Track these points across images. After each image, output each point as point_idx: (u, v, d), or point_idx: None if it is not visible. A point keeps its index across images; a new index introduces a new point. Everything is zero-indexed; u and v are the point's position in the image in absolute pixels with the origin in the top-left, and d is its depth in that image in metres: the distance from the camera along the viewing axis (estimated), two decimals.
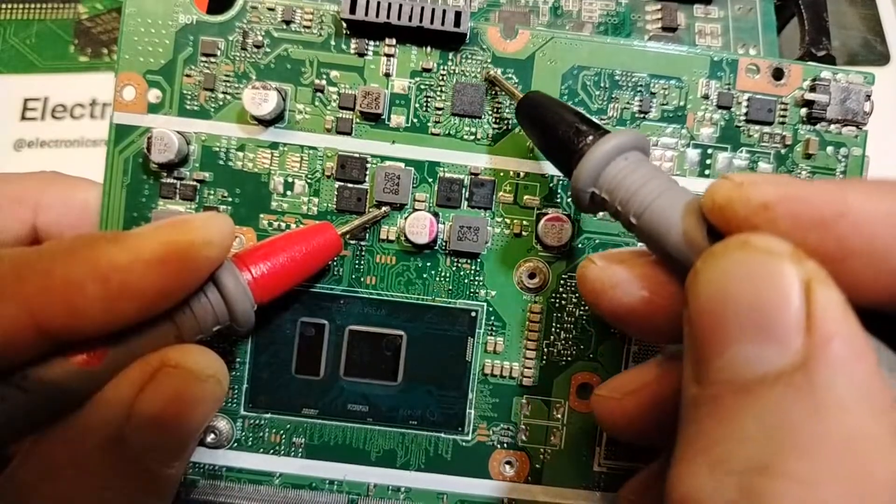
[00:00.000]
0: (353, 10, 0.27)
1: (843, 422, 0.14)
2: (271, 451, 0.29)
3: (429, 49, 0.29)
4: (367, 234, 0.29)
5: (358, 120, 0.29)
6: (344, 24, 0.29)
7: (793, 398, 0.14)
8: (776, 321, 0.15)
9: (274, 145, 0.29)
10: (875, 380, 0.15)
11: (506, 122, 0.29)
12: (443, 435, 0.29)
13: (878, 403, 0.14)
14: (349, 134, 0.29)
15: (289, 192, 0.29)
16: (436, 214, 0.29)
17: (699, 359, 0.16)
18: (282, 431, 0.29)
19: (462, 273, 0.29)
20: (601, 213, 0.29)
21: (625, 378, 0.24)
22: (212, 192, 0.29)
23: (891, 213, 0.16)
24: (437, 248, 0.29)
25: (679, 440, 0.16)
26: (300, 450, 0.29)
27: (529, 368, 0.29)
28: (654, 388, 0.22)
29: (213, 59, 0.29)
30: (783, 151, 0.29)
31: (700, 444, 0.15)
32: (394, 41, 0.29)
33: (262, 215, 0.29)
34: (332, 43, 0.29)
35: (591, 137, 0.22)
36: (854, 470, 0.14)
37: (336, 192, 0.29)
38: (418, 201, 0.29)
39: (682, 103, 0.29)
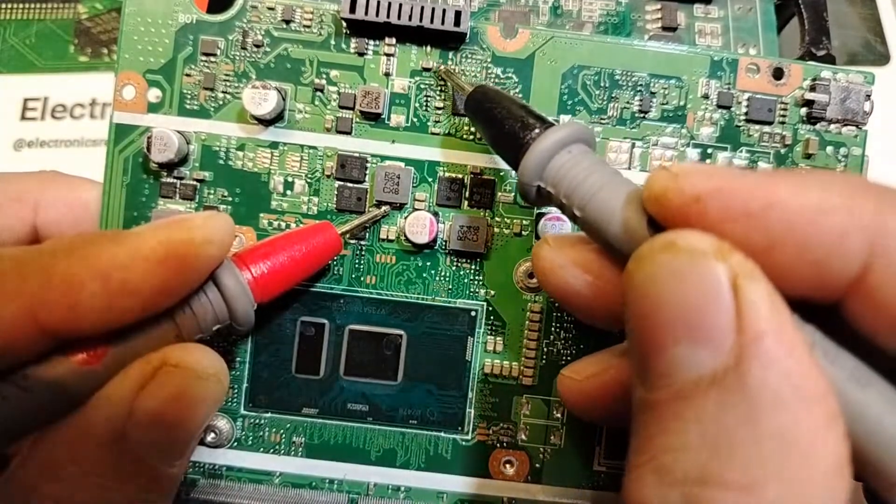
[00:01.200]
0: (352, 9, 0.27)
1: (778, 419, 0.14)
2: (271, 450, 0.29)
3: (429, 48, 0.29)
4: (367, 234, 0.29)
5: (358, 119, 0.29)
6: (344, 24, 0.29)
7: (726, 401, 0.14)
8: (707, 321, 0.15)
9: (274, 145, 0.29)
10: (808, 369, 0.15)
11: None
12: (443, 434, 0.29)
13: (811, 393, 0.14)
14: (349, 133, 0.29)
15: (289, 192, 0.29)
16: (436, 214, 0.29)
17: (640, 361, 0.16)
18: (282, 431, 0.29)
19: (462, 273, 0.29)
20: None
21: (588, 361, 0.24)
22: (212, 191, 0.29)
23: (815, 206, 0.16)
24: (437, 247, 0.29)
25: (631, 445, 0.16)
26: (300, 449, 0.29)
27: (529, 368, 0.29)
28: (614, 373, 0.23)
29: (212, 59, 0.29)
30: (783, 151, 0.29)
31: (647, 453, 0.15)
32: (394, 40, 0.29)
33: (261, 215, 0.29)
34: (332, 42, 0.29)
35: (536, 131, 0.22)
36: (793, 466, 0.14)
37: (336, 192, 0.29)
38: (418, 201, 0.29)
39: (682, 103, 0.29)
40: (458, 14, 0.28)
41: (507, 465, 0.29)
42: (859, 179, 0.17)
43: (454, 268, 0.29)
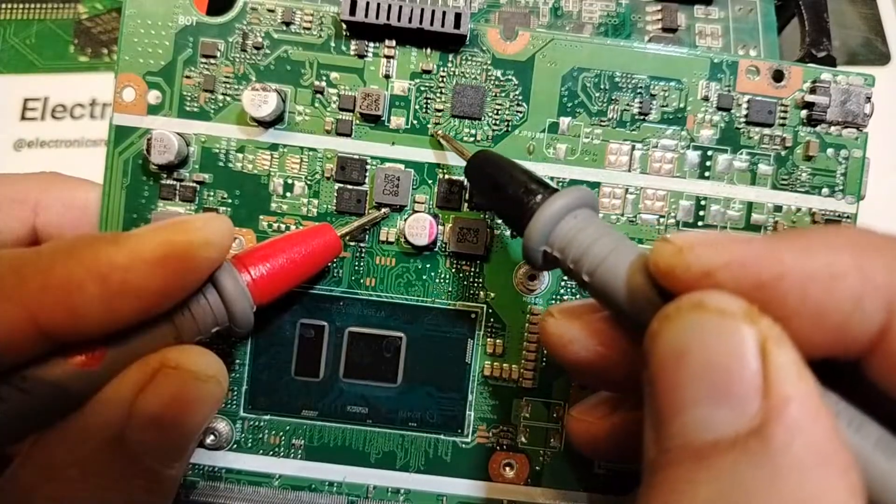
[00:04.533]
0: (352, 11, 0.27)
1: (801, 486, 0.14)
2: (271, 452, 0.29)
3: (429, 51, 0.29)
4: (367, 236, 0.29)
5: (358, 121, 0.29)
6: (344, 26, 0.29)
7: (748, 464, 0.14)
8: (732, 383, 0.15)
9: (274, 147, 0.29)
10: (833, 441, 0.15)
11: (506, 123, 0.29)
12: (442, 437, 0.29)
13: (835, 465, 0.14)
14: (349, 135, 0.29)
15: (288, 194, 0.29)
16: (435, 216, 0.29)
17: (658, 421, 0.16)
18: (281, 433, 0.29)
19: (462, 275, 0.29)
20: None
21: (597, 401, 0.24)
22: (211, 193, 0.29)
23: (826, 272, 0.16)
24: (436, 249, 0.29)
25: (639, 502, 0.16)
26: (300, 451, 0.29)
27: (529, 370, 0.29)
28: (624, 415, 0.23)
29: (212, 61, 0.29)
30: (783, 153, 0.29)
31: None
32: (394, 43, 0.29)
33: (261, 217, 0.29)
34: (332, 44, 0.29)
35: (539, 196, 0.22)
36: None
37: (336, 194, 0.29)
38: (418, 203, 0.29)
39: (682, 105, 0.29)
40: (457, 16, 0.28)
41: (507, 468, 0.29)
42: (865, 236, 0.17)
43: (454, 270, 0.29)
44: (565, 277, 0.29)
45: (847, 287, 0.16)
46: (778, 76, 0.29)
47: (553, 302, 0.29)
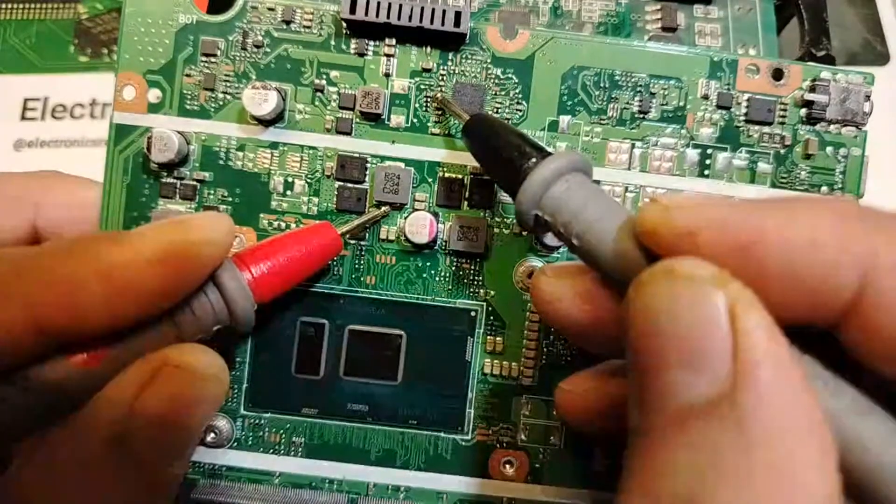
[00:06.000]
0: (352, 10, 0.27)
1: (772, 449, 0.14)
2: (271, 450, 0.29)
3: (429, 49, 0.29)
4: (367, 234, 0.29)
5: (358, 120, 0.29)
6: (344, 24, 0.29)
7: (720, 429, 0.14)
8: (703, 348, 0.15)
9: (274, 145, 0.29)
10: (803, 402, 0.15)
11: (506, 121, 0.29)
12: (442, 434, 0.29)
13: (805, 424, 0.14)
14: (349, 134, 0.29)
15: (289, 192, 0.29)
16: (436, 214, 0.29)
17: (638, 386, 0.16)
18: (282, 431, 0.29)
19: (462, 273, 0.29)
20: None
21: (586, 374, 0.25)
22: (212, 191, 0.29)
23: (806, 239, 0.17)
24: (436, 247, 0.29)
25: (623, 468, 0.16)
26: (300, 449, 0.29)
27: (529, 368, 0.29)
28: (611, 388, 0.23)
29: (213, 59, 0.29)
30: (783, 152, 0.29)
31: (637, 477, 0.15)
32: (394, 41, 0.29)
33: (262, 215, 0.29)
34: (332, 43, 0.29)
35: (533, 160, 0.22)
36: (783, 498, 0.14)
37: (336, 192, 0.29)
38: (418, 201, 0.29)
39: (681, 103, 0.29)
40: (458, 15, 0.28)
41: (507, 466, 0.29)
42: (848, 207, 0.17)
43: (454, 268, 0.29)
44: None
45: (825, 254, 0.16)
46: (777, 75, 0.29)
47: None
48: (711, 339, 0.15)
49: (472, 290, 0.29)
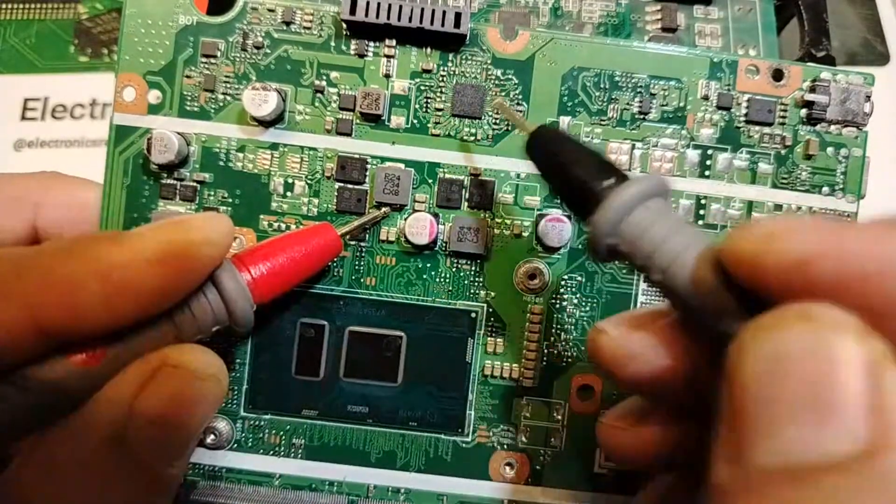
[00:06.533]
0: (353, 11, 0.27)
1: None
2: (271, 452, 0.29)
3: (429, 50, 0.29)
4: (367, 235, 0.29)
5: (358, 121, 0.29)
6: (344, 25, 0.29)
7: (858, 489, 0.13)
8: (839, 402, 0.14)
9: (274, 146, 0.29)
10: None
11: (506, 122, 0.29)
12: (443, 436, 0.29)
13: None
14: (349, 135, 0.29)
15: (289, 193, 0.29)
16: (436, 215, 0.29)
17: (740, 440, 0.14)
18: (281, 432, 0.29)
19: (462, 274, 0.29)
20: None
21: (629, 407, 0.22)
22: (212, 192, 0.29)
23: None
24: (437, 248, 0.29)
25: None
26: (300, 451, 0.29)
27: (530, 370, 0.29)
28: (659, 419, 0.21)
29: (213, 60, 0.29)
30: (783, 152, 0.29)
31: None
32: (394, 42, 0.29)
33: (261, 216, 0.29)
34: (332, 44, 0.29)
35: (611, 180, 0.19)
36: None
37: (336, 193, 0.29)
38: (418, 202, 0.29)
39: (681, 104, 0.29)
40: (458, 16, 0.28)
41: (508, 468, 0.29)
42: None
43: (454, 269, 0.29)
44: (566, 276, 0.29)
45: None
46: (778, 75, 0.29)
47: (553, 301, 0.29)
48: (850, 392, 0.14)
49: (472, 291, 0.29)
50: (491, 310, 0.29)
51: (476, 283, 0.29)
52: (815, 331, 0.14)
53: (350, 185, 0.29)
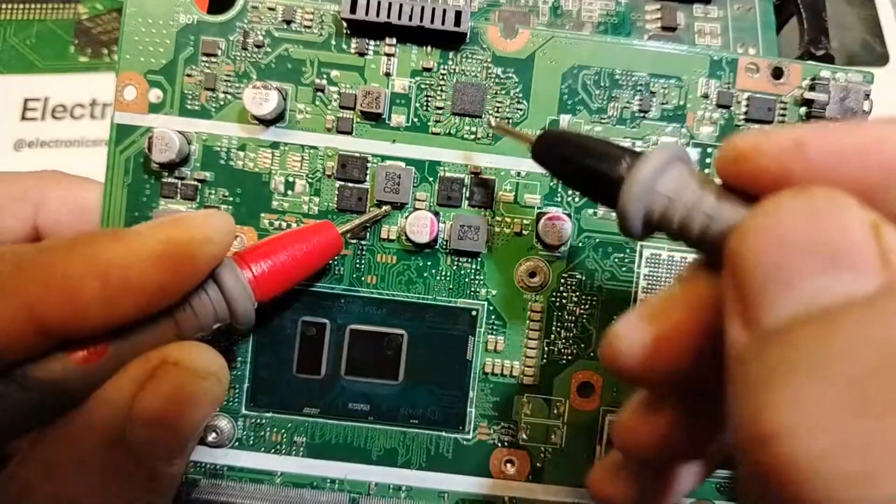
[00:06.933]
0: (353, 9, 0.28)
1: None
2: (272, 450, 0.29)
3: (429, 48, 0.29)
4: (368, 234, 0.29)
5: (358, 119, 0.29)
6: (344, 24, 0.29)
7: (882, 315, 0.13)
8: (849, 254, 0.14)
9: (275, 145, 0.29)
10: None
11: (506, 121, 0.29)
12: (444, 434, 0.29)
13: None
14: (350, 133, 0.29)
15: (289, 192, 0.29)
16: (436, 213, 0.29)
17: (754, 306, 0.15)
18: (283, 430, 0.29)
19: (463, 272, 0.29)
20: (601, 213, 0.29)
21: (639, 403, 0.22)
22: (213, 191, 0.29)
23: None
24: (437, 247, 0.29)
25: (744, 386, 0.15)
26: (301, 449, 0.29)
27: (530, 367, 0.29)
28: (672, 411, 0.21)
29: (213, 59, 0.29)
30: None
31: (787, 372, 0.14)
32: (394, 41, 0.29)
33: (262, 215, 0.29)
34: (333, 42, 0.29)
35: (627, 160, 0.20)
36: None
37: (337, 192, 0.29)
38: (419, 200, 0.29)
39: (681, 102, 0.29)
40: (458, 14, 0.28)
41: (508, 465, 0.29)
42: None
43: (455, 267, 0.29)
44: (566, 274, 0.29)
45: None
46: (777, 73, 0.29)
47: (553, 299, 0.29)
48: (858, 244, 0.14)
49: (472, 289, 0.29)
50: (491, 308, 0.29)
51: (477, 282, 0.29)
52: (817, 200, 0.15)
53: (351, 184, 0.29)
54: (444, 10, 0.28)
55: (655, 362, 0.19)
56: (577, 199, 0.29)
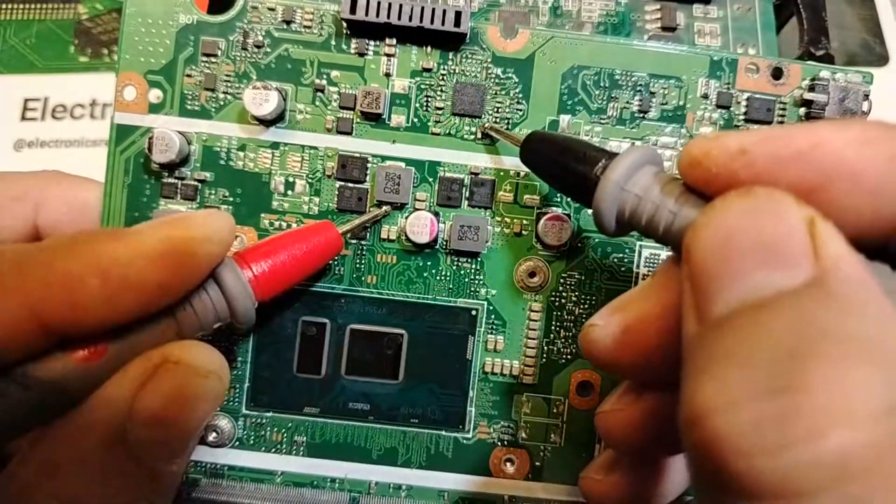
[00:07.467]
0: (353, 10, 0.28)
1: (866, 324, 0.14)
2: (273, 449, 0.29)
3: (429, 49, 0.29)
4: (368, 234, 0.29)
5: (358, 120, 0.29)
6: (344, 24, 0.29)
7: (816, 305, 0.15)
8: (784, 250, 0.16)
9: (275, 145, 0.29)
10: (880, 296, 0.15)
11: (506, 121, 0.29)
12: (444, 433, 0.29)
13: (889, 313, 0.15)
14: (350, 134, 0.29)
15: (290, 192, 0.29)
16: (436, 214, 0.29)
17: (702, 300, 0.16)
18: (283, 430, 0.29)
19: (462, 272, 0.29)
20: None
21: (621, 391, 0.23)
22: (213, 191, 0.29)
23: (859, 137, 0.17)
24: (437, 247, 0.29)
25: (688, 371, 0.16)
26: (302, 448, 0.29)
27: (530, 367, 0.29)
28: (653, 398, 0.22)
29: (213, 59, 0.29)
30: None
31: (715, 365, 0.15)
32: (394, 41, 0.29)
33: (262, 215, 0.29)
34: (333, 43, 0.29)
35: (602, 161, 0.21)
36: (885, 360, 0.14)
37: (337, 192, 0.29)
38: (419, 201, 0.29)
39: (681, 103, 0.29)
40: (458, 14, 0.28)
41: (508, 464, 0.29)
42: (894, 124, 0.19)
43: (455, 267, 0.29)
44: (565, 274, 0.29)
45: (880, 149, 0.17)
46: (777, 74, 0.29)
47: (553, 299, 0.29)
48: (793, 241, 0.16)
49: (472, 289, 0.29)
50: (491, 307, 0.29)
51: (476, 281, 0.29)
52: (758, 200, 0.17)
53: (351, 184, 0.29)
54: (444, 11, 0.28)
55: (625, 349, 0.21)
56: None
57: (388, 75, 0.29)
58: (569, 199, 0.29)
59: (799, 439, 0.13)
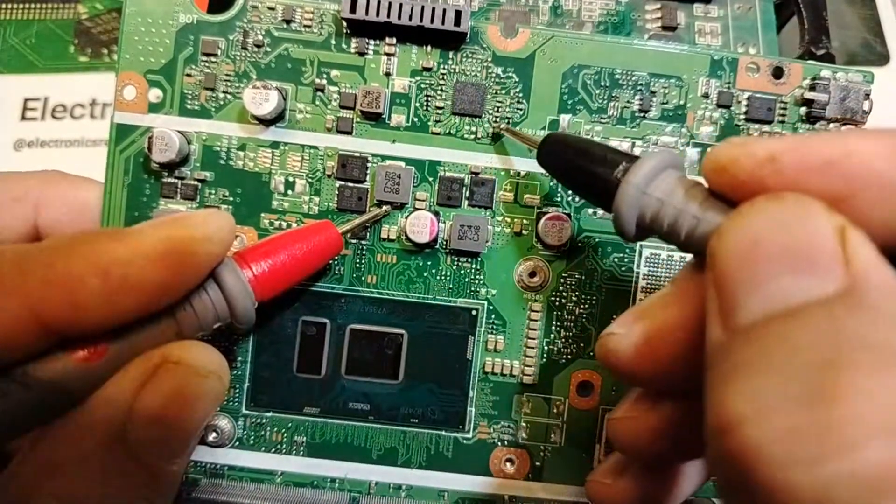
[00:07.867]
0: (353, 9, 0.28)
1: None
2: (273, 449, 0.29)
3: (429, 48, 0.29)
4: (368, 233, 0.29)
5: (358, 119, 0.29)
6: (344, 24, 0.29)
7: (848, 314, 0.14)
8: (814, 256, 0.15)
9: (275, 145, 0.29)
10: None
11: (506, 120, 0.29)
12: (444, 433, 0.29)
13: None
14: (350, 133, 0.29)
15: (290, 192, 0.29)
16: (436, 213, 0.29)
17: (729, 305, 0.16)
18: (283, 430, 0.29)
19: (463, 272, 0.29)
20: (601, 213, 0.29)
21: (634, 399, 0.23)
22: (213, 191, 0.29)
23: (889, 149, 0.17)
24: (437, 247, 0.29)
25: (714, 379, 0.16)
26: (302, 448, 0.29)
27: (530, 366, 0.29)
28: (669, 406, 0.22)
29: (213, 59, 0.29)
30: None
31: (748, 366, 0.15)
32: (394, 40, 0.29)
33: (262, 215, 0.29)
34: (333, 42, 0.29)
35: (623, 165, 0.21)
36: None
37: (337, 192, 0.29)
38: (419, 200, 0.29)
39: (682, 102, 0.29)
40: (458, 14, 0.28)
41: (508, 464, 0.29)
42: None
43: (455, 267, 0.29)
44: (565, 274, 0.29)
45: None
46: (778, 73, 0.29)
47: (553, 298, 0.29)
48: (822, 248, 0.15)
49: (472, 289, 0.29)
50: (491, 307, 0.29)
51: (476, 281, 0.29)
52: (788, 206, 0.16)
53: (351, 184, 0.29)
54: (444, 10, 0.28)
55: (647, 359, 0.20)
56: (576, 200, 0.29)
57: (388, 75, 0.29)
58: (569, 199, 0.29)
59: (835, 451, 0.13)
